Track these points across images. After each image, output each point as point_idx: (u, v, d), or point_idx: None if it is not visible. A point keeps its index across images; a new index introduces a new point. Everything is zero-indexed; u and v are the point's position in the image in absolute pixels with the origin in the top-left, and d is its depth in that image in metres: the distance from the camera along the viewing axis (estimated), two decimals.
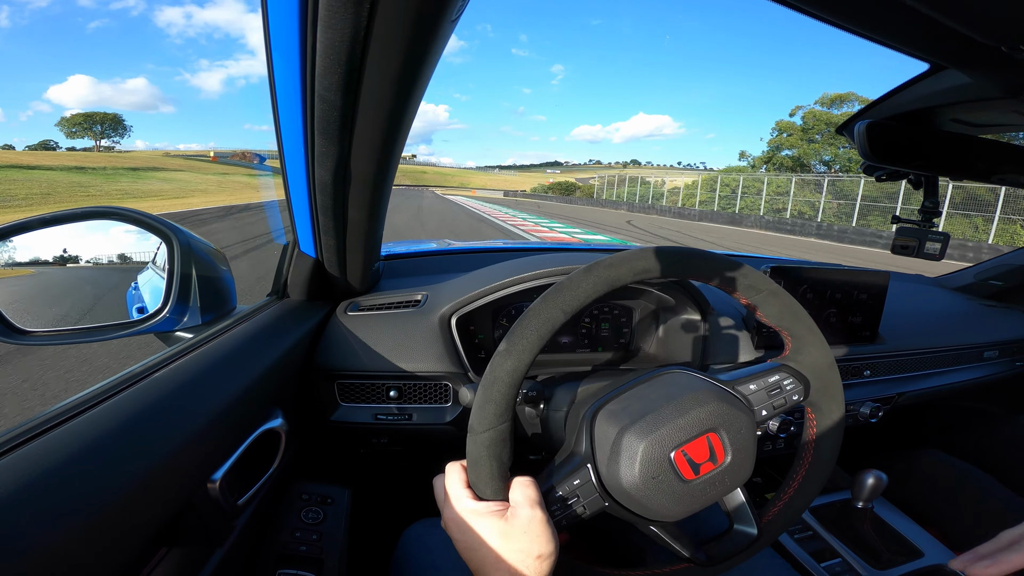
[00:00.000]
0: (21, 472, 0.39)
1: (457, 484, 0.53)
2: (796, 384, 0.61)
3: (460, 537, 0.51)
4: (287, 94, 0.55)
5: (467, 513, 0.51)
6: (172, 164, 73.64)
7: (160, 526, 0.50)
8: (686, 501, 0.53)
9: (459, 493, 0.53)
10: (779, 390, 0.60)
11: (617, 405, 0.57)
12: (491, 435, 0.51)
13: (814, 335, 0.62)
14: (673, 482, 0.53)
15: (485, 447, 0.51)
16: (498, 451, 0.51)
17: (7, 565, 0.33)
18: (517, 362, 0.51)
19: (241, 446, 0.66)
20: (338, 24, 0.42)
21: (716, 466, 0.54)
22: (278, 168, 0.70)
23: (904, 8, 0.43)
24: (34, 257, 0.69)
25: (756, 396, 0.59)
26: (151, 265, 0.79)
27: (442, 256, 1.43)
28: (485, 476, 0.51)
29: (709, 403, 0.55)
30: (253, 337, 0.76)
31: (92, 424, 0.47)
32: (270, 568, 0.83)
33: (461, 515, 0.51)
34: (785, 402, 0.60)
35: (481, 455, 0.51)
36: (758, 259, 1.63)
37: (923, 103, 0.74)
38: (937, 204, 1.02)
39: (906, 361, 1.30)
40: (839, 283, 1.14)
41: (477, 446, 0.51)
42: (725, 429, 0.55)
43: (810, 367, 0.62)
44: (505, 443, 0.52)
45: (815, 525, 1.10)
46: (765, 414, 0.59)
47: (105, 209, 0.71)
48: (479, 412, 0.51)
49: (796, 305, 0.61)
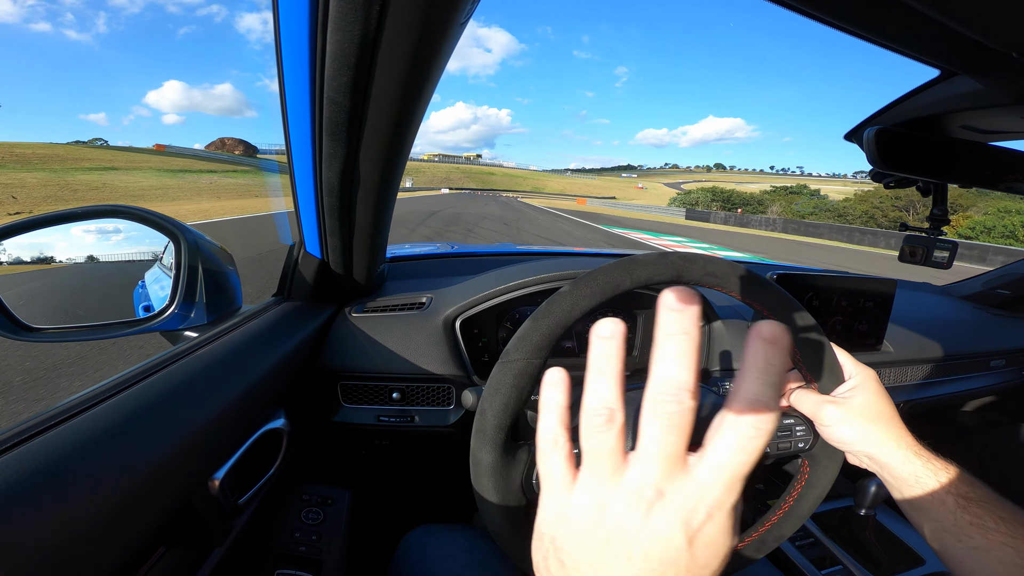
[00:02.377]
0: (23, 469, 0.39)
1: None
2: (807, 433, 0.60)
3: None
4: (297, 96, 0.55)
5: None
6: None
7: (160, 525, 0.50)
8: None
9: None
10: (789, 433, 0.59)
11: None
12: (522, 365, 0.49)
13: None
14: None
15: (513, 375, 0.49)
16: (522, 384, 0.49)
17: (6, 561, 0.33)
18: (573, 304, 0.50)
19: (243, 446, 0.66)
20: (348, 26, 0.42)
21: None
22: (285, 167, 0.70)
23: (915, 14, 0.42)
24: (42, 254, 0.69)
25: None
26: (158, 264, 0.80)
27: (447, 259, 1.43)
28: (499, 405, 0.49)
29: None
30: (257, 337, 0.76)
31: (96, 421, 0.47)
32: (269, 568, 0.83)
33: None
34: (790, 447, 0.59)
35: (505, 382, 0.49)
36: (763, 265, 1.63)
37: (933, 109, 0.73)
38: (946, 212, 1.02)
39: (911, 370, 1.29)
40: (845, 291, 1.13)
41: (504, 372, 0.49)
42: None
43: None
44: (532, 381, 0.49)
45: (816, 532, 1.09)
46: (768, 451, 0.58)
47: (114, 207, 0.71)
48: (519, 340, 0.50)
49: (834, 356, 0.60)
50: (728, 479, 0.27)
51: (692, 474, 0.28)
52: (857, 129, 0.81)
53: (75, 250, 0.72)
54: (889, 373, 1.25)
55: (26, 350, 3.01)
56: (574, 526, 0.30)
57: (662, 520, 0.27)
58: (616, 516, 0.28)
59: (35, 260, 0.69)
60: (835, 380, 0.60)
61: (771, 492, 1.28)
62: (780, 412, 0.30)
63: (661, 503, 0.28)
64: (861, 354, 1.18)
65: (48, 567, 0.36)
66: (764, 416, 0.26)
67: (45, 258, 0.70)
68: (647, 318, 1.14)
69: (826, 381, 0.59)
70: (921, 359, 1.29)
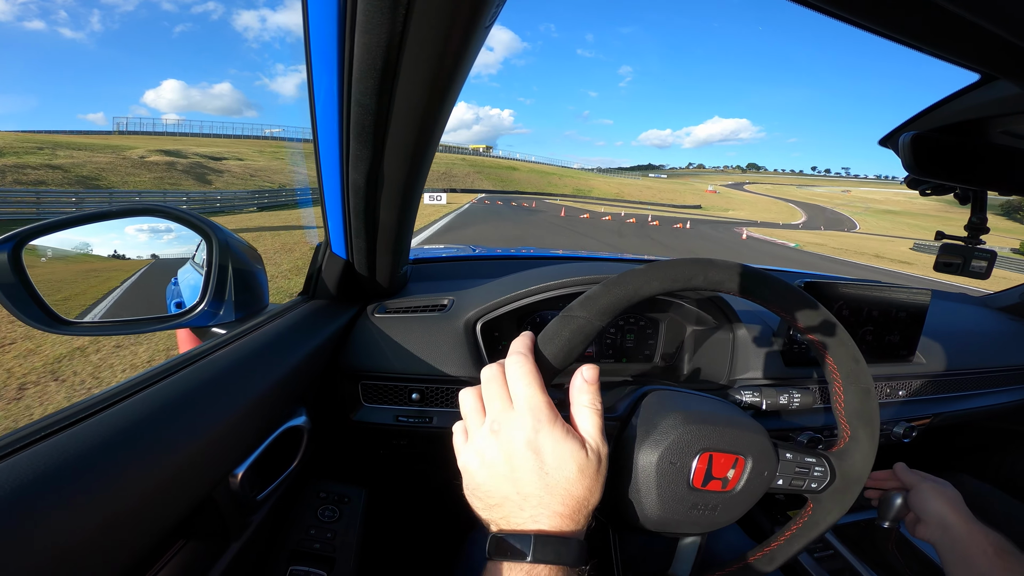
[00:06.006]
0: (53, 460, 0.39)
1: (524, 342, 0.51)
2: (824, 477, 0.59)
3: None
4: (325, 98, 0.56)
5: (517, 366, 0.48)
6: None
7: (182, 517, 0.51)
8: (670, 508, 0.52)
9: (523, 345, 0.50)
10: (807, 471, 0.58)
11: (677, 395, 0.58)
12: (582, 323, 0.50)
13: (871, 444, 0.60)
14: (679, 480, 0.52)
15: (571, 330, 0.50)
16: (575, 341, 0.50)
17: (33, 551, 0.34)
18: (644, 283, 0.51)
19: (265, 442, 0.67)
20: (375, 29, 0.43)
21: (721, 490, 0.53)
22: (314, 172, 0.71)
23: (953, 17, 0.41)
24: (81, 251, 0.72)
25: (785, 464, 0.58)
26: (191, 261, 0.82)
27: (469, 262, 1.43)
28: (549, 353, 0.50)
29: (760, 434, 0.55)
30: (283, 335, 0.78)
31: (124, 415, 0.48)
32: (282, 564, 0.84)
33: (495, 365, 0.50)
34: (803, 485, 0.59)
35: (562, 334, 0.50)
36: (791, 273, 1.59)
37: (972, 114, 0.71)
38: (985, 220, 0.98)
39: (944, 382, 1.25)
40: (877, 300, 1.10)
41: (563, 324, 0.50)
42: (755, 463, 0.54)
43: (847, 471, 0.60)
44: (584, 341, 0.50)
45: (836, 544, 1.07)
46: (780, 483, 0.58)
47: (150, 206, 0.73)
48: (586, 300, 0.51)
49: (875, 409, 0.60)
50: (533, 409, 0.45)
51: (514, 409, 0.46)
52: (892, 134, 0.79)
53: (114, 247, 0.75)
54: (921, 385, 1.21)
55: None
56: (472, 468, 0.47)
57: (507, 440, 0.45)
58: (485, 450, 0.46)
59: (75, 256, 0.72)
60: (871, 437, 0.61)
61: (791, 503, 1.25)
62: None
63: (504, 430, 0.45)
64: (893, 365, 1.15)
65: (74, 556, 0.37)
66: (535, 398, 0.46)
67: (84, 254, 0.72)
68: (669, 324, 1.12)
69: (863, 431, 0.61)
70: (955, 371, 1.25)
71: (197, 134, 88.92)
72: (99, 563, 0.40)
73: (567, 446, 0.45)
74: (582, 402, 0.48)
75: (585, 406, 0.48)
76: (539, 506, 0.43)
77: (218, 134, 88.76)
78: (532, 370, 0.47)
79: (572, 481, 0.44)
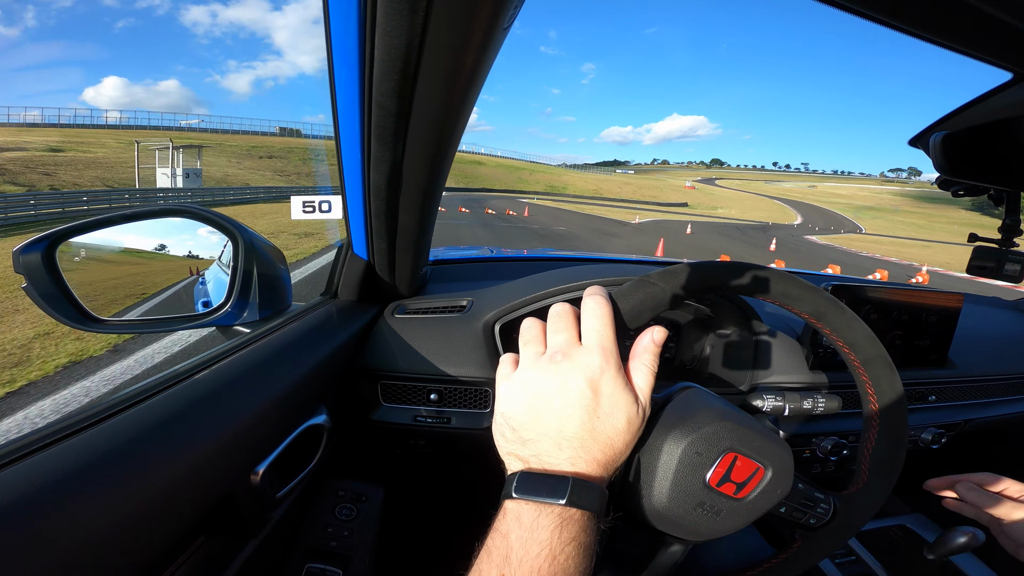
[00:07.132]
0: (82, 457, 0.40)
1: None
2: (825, 516, 0.58)
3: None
4: (347, 101, 0.57)
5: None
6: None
7: (203, 514, 0.52)
8: (677, 500, 0.50)
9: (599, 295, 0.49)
10: (811, 504, 0.58)
11: (715, 397, 0.57)
12: (657, 290, 0.51)
13: (882, 495, 0.59)
14: (697, 473, 0.50)
15: (644, 292, 0.50)
16: (645, 306, 0.50)
17: (57, 546, 0.35)
18: (718, 277, 0.54)
19: (286, 440, 0.68)
20: (395, 31, 0.43)
21: (732, 495, 0.51)
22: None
23: (984, 16, 0.40)
24: (114, 249, 0.74)
25: (795, 492, 0.57)
26: (217, 262, 0.84)
27: (488, 263, 1.44)
28: (623, 307, 0.50)
29: (787, 452, 0.53)
30: (305, 335, 0.79)
31: (151, 413, 0.49)
32: (299, 561, 0.84)
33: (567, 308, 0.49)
34: (803, 518, 0.58)
35: (635, 295, 0.50)
36: (816, 276, 1.56)
37: (1005, 114, 0.69)
38: (1019, 222, 0.95)
39: (975, 387, 1.22)
40: (907, 305, 1.07)
41: (638, 287, 0.51)
42: (772, 478, 0.52)
43: (847, 517, 0.59)
44: (655, 309, 0.51)
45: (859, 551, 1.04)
46: (783, 510, 0.57)
47: (179, 207, 0.75)
48: (667, 273, 0.52)
49: (901, 461, 0.59)
50: (604, 349, 0.44)
51: (584, 346, 0.44)
52: (923, 134, 0.77)
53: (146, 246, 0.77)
54: (951, 390, 1.18)
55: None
56: (514, 397, 0.45)
57: (567, 373, 0.43)
58: (538, 379, 0.44)
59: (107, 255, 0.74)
60: (882, 490, 0.61)
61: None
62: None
63: (567, 362, 0.43)
64: (923, 370, 1.12)
65: (99, 549, 0.38)
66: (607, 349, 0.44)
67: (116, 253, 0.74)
68: (687, 328, 1.11)
69: (879, 482, 0.60)
70: (987, 376, 1.22)
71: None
72: (120, 559, 0.40)
73: (624, 396, 0.44)
74: (644, 361, 0.47)
75: (646, 365, 0.47)
76: (580, 449, 0.42)
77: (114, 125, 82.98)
78: (610, 312, 0.46)
79: (619, 431, 0.43)
